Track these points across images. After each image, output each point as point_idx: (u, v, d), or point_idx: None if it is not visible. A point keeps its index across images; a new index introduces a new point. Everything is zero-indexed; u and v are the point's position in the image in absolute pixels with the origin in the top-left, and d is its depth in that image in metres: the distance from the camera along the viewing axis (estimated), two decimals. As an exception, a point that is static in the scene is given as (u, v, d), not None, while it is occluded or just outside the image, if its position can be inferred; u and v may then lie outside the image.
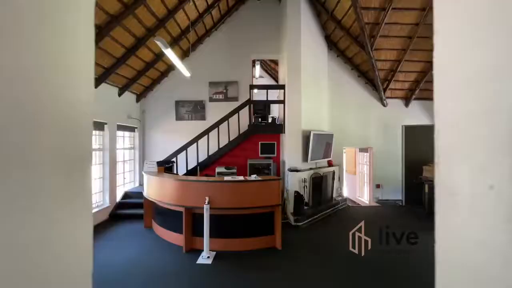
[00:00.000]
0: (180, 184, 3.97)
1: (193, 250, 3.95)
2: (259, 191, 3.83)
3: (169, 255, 3.84)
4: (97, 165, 5.38)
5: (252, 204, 3.80)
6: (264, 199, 3.84)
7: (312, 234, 4.62)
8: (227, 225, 3.94)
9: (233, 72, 7.09)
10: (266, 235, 3.99)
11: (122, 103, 6.08)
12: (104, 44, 4.44)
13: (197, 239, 3.98)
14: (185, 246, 3.90)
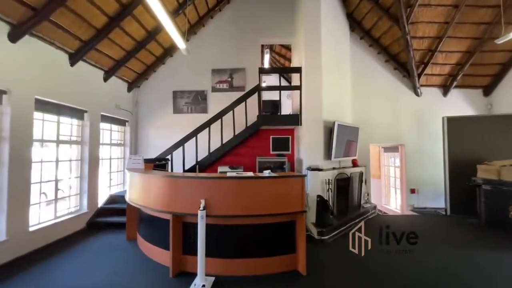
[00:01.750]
0: (166, 182, 2.94)
1: (183, 274, 2.88)
2: (275, 192, 2.76)
3: (151, 280, 2.77)
4: (73, 161, 4.42)
5: (266, 210, 2.73)
6: (282, 204, 2.76)
7: (342, 251, 3.49)
8: (230, 239, 2.86)
9: (240, 58, 6.17)
10: (285, 254, 2.89)
11: (109, 90, 5.17)
12: (75, 4, 3.54)
13: (190, 258, 2.91)
14: (172, 268, 2.82)
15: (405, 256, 3.22)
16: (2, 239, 3.07)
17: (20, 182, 3.30)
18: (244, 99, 5.15)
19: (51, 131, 3.97)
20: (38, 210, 3.73)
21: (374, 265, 3.05)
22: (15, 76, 3.23)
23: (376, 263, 3.09)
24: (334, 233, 3.94)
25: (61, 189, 4.24)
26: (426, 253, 3.34)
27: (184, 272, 2.90)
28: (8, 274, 2.87)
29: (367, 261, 3.13)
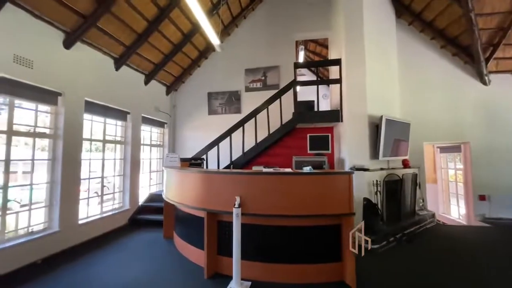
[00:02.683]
0: (201, 178, 2.84)
1: (218, 276, 2.71)
2: (317, 191, 2.45)
3: (185, 280, 2.66)
4: (117, 160, 4.67)
5: (306, 210, 2.43)
6: (326, 204, 2.43)
7: (396, 263, 2.97)
8: (268, 241, 2.62)
9: (274, 56, 5.99)
10: (330, 262, 2.54)
11: (149, 93, 5.42)
12: (120, 12, 3.76)
13: (225, 259, 2.74)
14: (207, 269, 2.68)
15: (477, 273, 2.59)
16: (56, 230, 3.29)
17: (71, 178, 3.53)
18: (279, 96, 4.92)
19: (98, 131, 4.25)
20: (86, 205, 3.97)
21: (435, 280, 2.50)
22: (68, 79, 3.51)
23: (439, 278, 2.53)
24: (385, 241, 3.41)
25: (106, 186, 4.50)
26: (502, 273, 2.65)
27: (219, 273, 2.74)
28: (59, 263, 3.05)
29: (428, 277, 2.58)
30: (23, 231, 3.07)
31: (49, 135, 3.39)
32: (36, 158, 3.24)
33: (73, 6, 3.26)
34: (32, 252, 2.98)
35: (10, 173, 2.89)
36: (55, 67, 3.32)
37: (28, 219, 3.13)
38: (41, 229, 3.24)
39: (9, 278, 2.67)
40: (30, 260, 2.95)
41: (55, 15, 3.19)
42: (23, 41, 2.94)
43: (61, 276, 2.74)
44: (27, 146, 3.36)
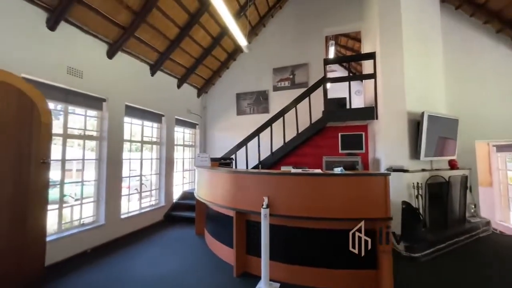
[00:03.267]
0: (230, 177, 2.89)
1: (247, 275, 2.73)
2: (349, 193, 2.31)
3: (215, 277, 2.73)
4: (153, 159, 5.00)
5: (338, 213, 2.31)
6: (359, 208, 2.29)
7: (441, 275, 2.67)
8: (298, 243, 2.56)
9: (302, 53, 5.86)
10: (363, 269, 2.38)
11: (182, 96, 5.70)
12: (154, 21, 4.01)
13: (254, 259, 2.75)
14: (236, 268, 2.72)
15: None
16: (102, 223, 3.64)
17: (114, 176, 3.87)
18: (308, 94, 4.79)
19: (136, 133, 4.60)
20: (127, 201, 4.32)
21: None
22: (111, 86, 3.85)
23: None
24: (429, 250, 3.09)
25: (144, 184, 4.85)
26: None
27: (248, 273, 2.76)
28: (104, 253, 3.37)
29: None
30: (77, 223, 3.46)
31: (96, 137, 3.76)
32: (86, 158, 3.63)
33: (115, 19, 3.57)
34: (83, 242, 3.34)
35: (66, 171, 3.28)
36: (100, 75, 3.67)
37: (80, 212, 3.52)
38: (90, 222, 3.61)
39: (66, 264, 3.03)
40: (82, 249, 3.31)
41: (100, 29, 3.53)
42: (75, 54, 3.30)
43: (106, 265, 3.02)
44: (79, 147, 3.77)
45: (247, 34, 5.33)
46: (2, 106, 2.42)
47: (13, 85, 2.52)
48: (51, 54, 3.03)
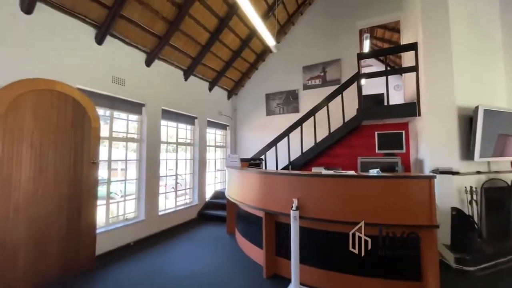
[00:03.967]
0: (259, 178, 2.88)
1: (277, 277, 2.70)
2: (387, 196, 2.13)
3: (246, 277, 2.75)
4: (187, 160, 5.26)
5: (374, 218, 2.15)
6: (399, 213, 2.09)
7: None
8: (329, 247, 2.45)
9: (334, 49, 5.62)
10: (405, 280, 2.17)
11: (213, 99, 5.90)
12: (187, 28, 4.21)
13: (283, 261, 2.71)
14: (265, 269, 2.71)
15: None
16: (142, 219, 3.94)
17: (152, 175, 4.16)
18: (340, 91, 4.57)
19: (172, 134, 4.88)
20: (164, 199, 4.62)
21: None
22: (149, 92, 4.15)
23: None
24: (486, 264, 2.70)
25: (179, 183, 5.12)
26: None
27: (278, 275, 2.72)
28: (145, 246, 3.64)
29: None
30: (121, 218, 3.80)
31: (137, 139, 4.08)
32: (128, 159, 3.96)
33: (152, 30, 3.84)
34: (127, 235, 3.66)
35: (111, 170, 3.63)
36: (139, 83, 3.98)
37: (124, 208, 3.85)
38: (132, 217, 3.93)
39: (112, 255, 3.34)
40: (126, 242, 3.62)
41: (139, 39, 3.83)
42: (118, 64, 3.64)
43: (148, 258, 3.26)
44: (123, 148, 4.14)
45: (275, 33, 5.31)
46: (61, 113, 2.78)
47: (70, 95, 2.87)
48: (99, 66, 3.39)
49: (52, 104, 2.71)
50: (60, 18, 2.96)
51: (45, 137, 2.64)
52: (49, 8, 2.85)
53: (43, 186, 2.61)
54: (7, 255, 2.33)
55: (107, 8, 3.23)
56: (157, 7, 3.66)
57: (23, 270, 2.43)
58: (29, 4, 2.64)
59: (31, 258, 2.49)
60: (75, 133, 2.90)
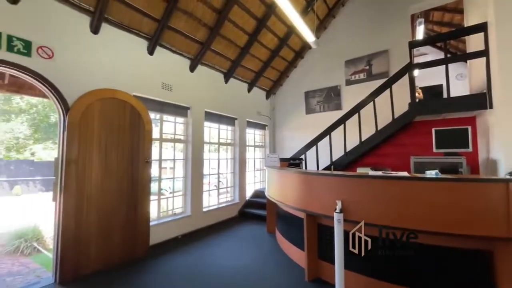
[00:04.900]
0: (300, 178, 2.82)
1: (320, 281, 2.60)
2: (449, 202, 1.86)
3: (287, 278, 2.72)
4: (228, 159, 5.44)
5: (431, 226, 1.89)
6: (464, 221, 1.80)
7: None
8: (377, 254, 2.25)
9: (380, 40, 5.17)
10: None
11: (252, 99, 6.00)
12: (226, 32, 4.36)
13: (326, 265, 2.59)
14: (307, 272, 2.63)
15: None
16: (188, 214, 4.22)
17: (197, 174, 4.43)
18: (389, 85, 4.17)
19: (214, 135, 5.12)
20: (208, 196, 4.87)
21: None
22: (193, 96, 4.42)
23: None
24: None
25: (221, 182, 5.34)
26: None
27: (320, 279, 2.62)
28: (191, 240, 3.89)
29: None
30: (170, 213, 4.14)
31: (183, 140, 4.40)
32: (176, 158, 4.30)
33: (195, 37, 4.09)
34: (175, 229, 3.96)
35: (162, 169, 3.98)
36: (185, 87, 4.27)
37: (172, 203, 4.19)
38: (180, 212, 4.25)
39: (163, 246, 3.66)
40: (174, 235, 3.93)
41: (183, 47, 4.12)
42: (166, 71, 3.97)
43: (194, 250, 3.48)
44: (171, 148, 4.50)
45: (315, 29, 5.11)
46: (121, 118, 3.16)
47: (128, 102, 3.24)
48: (151, 74, 3.74)
49: (113, 110, 3.10)
50: (119, 35, 3.36)
51: (109, 139, 3.03)
52: (111, 27, 3.26)
53: (108, 181, 3.00)
54: (83, 237, 2.75)
55: (156, 21, 3.55)
56: (200, 15, 3.88)
57: (95, 251, 2.84)
58: (96, 25, 3.06)
59: (100, 242, 2.89)
60: (132, 135, 3.26)
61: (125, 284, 2.61)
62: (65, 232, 2.63)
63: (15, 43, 2.44)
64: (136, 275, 2.79)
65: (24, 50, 2.50)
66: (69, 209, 2.66)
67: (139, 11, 3.33)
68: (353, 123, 4.46)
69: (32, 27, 2.58)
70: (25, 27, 2.53)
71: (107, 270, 2.90)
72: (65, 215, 2.63)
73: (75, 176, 2.72)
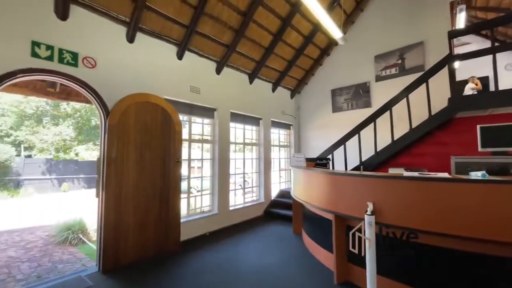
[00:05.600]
0: (328, 179, 2.74)
1: (350, 285, 2.51)
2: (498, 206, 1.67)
3: (315, 280, 2.67)
4: (253, 159, 5.49)
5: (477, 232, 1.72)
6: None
7: None
8: (413, 260, 2.11)
9: (414, 31, 4.84)
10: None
11: (276, 99, 5.98)
12: (251, 34, 4.40)
13: (356, 269, 2.50)
14: (336, 275, 2.56)
15: None
16: (216, 212, 4.34)
17: (223, 173, 4.54)
18: (425, 79, 3.88)
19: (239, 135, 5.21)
20: (233, 195, 4.96)
21: None
22: (219, 97, 4.54)
23: None
24: None
25: (247, 181, 5.41)
26: None
27: (350, 282, 2.54)
28: (218, 238, 4.00)
29: None
30: (199, 210, 4.30)
31: (210, 140, 4.54)
32: (204, 158, 4.45)
33: (221, 40, 4.20)
34: (203, 226, 4.11)
35: (191, 168, 4.15)
36: (211, 89, 4.41)
37: (200, 201, 4.35)
38: (207, 210, 4.39)
39: (192, 242, 3.81)
40: (202, 232, 4.08)
41: (210, 50, 4.25)
42: (195, 74, 4.13)
43: (221, 248, 3.58)
44: (198, 148, 4.68)
45: (342, 24, 4.94)
46: (154, 120, 3.36)
47: (159, 105, 3.43)
48: (180, 78, 3.93)
49: (147, 113, 3.30)
50: (152, 42, 3.58)
51: (143, 140, 3.24)
52: (144, 36, 3.49)
53: (143, 179, 3.21)
54: (122, 230, 2.98)
55: (185, 27, 3.71)
56: (225, 18, 3.97)
57: (132, 243, 3.06)
58: (131, 35, 3.29)
59: (136, 235, 3.11)
60: (163, 137, 3.45)
61: (159, 276, 2.77)
62: (107, 226, 2.87)
63: (64, 55, 2.73)
64: (168, 268, 2.95)
65: (72, 61, 2.79)
66: (109, 205, 2.90)
67: (169, 18, 3.52)
68: (384, 121, 4.23)
69: (77, 39, 2.86)
70: (72, 40, 2.82)
71: (142, 262, 3.10)
72: (106, 211, 2.88)
73: (115, 175, 2.96)
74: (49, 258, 3.67)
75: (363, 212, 2.16)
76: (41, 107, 13.11)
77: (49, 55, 2.62)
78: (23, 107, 12.55)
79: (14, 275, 3.08)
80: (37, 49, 2.55)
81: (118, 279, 2.71)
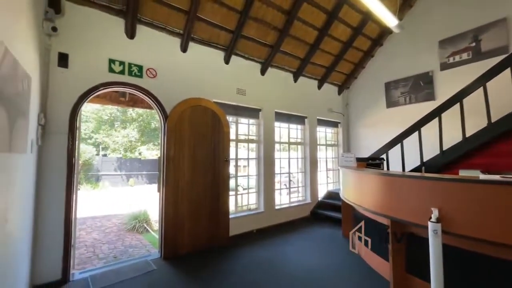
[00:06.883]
0: (383, 180, 2.52)
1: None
2: None
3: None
4: (299, 158, 5.41)
5: None
6: None
7: None
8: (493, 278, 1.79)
9: (493, 5, 4.06)
10: None
11: (322, 96, 5.76)
12: (295, 32, 4.33)
13: (417, 281, 2.25)
14: (393, 286, 2.34)
15: None
16: (262, 211, 4.43)
17: (269, 172, 4.60)
18: (509, 64, 3.22)
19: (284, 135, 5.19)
20: (279, 194, 4.98)
21: None
22: (264, 98, 4.61)
23: None
24: None
25: (292, 181, 5.36)
26: None
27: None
28: (265, 235, 4.07)
29: None
30: (246, 208, 4.45)
31: (256, 140, 4.65)
32: (250, 157, 4.59)
33: (265, 41, 4.26)
34: (250, 223, 4.24)
35: (237, 167, 4.33)
36: (256, 90, 4.51)
37: (247, 199, 4.49)
38: (254, 208, 4.51)
39: (240, 238, 3.98)
40: (249, 229, 4.21)
41: (255, 52, 4.35)
42: (240, 77, 4.29)
43: (268, 246, 3.65)
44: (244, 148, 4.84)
45: (397, 10, 4.48)
46: (205, 122, 3.62)
47: (210, 108, 3.68)
48: (227, 81, 4.13)
49: (199, 116, 3.58)
50: (202, 50, 3.86)
51: (196, 140, 3.52)
52: (195, 44, 3.78)
53: (196, 176, 3.49)
54: (179, 222, 3.31)
55: (231, 32, 3.89)
56: (269, 19, 4.01)
57: (187, 235, 3.36)
58: (185, 45, 3.61)
59: (191, 228, 3.40)
60: (213, 137, 3.68)
61: (211, 267, 2.98)
62: (167, 218, 3.22)
63: (132, 69, 3.17)
64: (220, 261, 3.14)
65: (138, 73, 3.21)
66: (169, 199, 3.24)
67: (216, 26, 3.73)
68: (452, 115, 3.66)
69: (142, 54, 3.27)
70: (138, 55, 3.24)
71: (196, 253, 3.38)
72: (166, 204, 3.23)
73: (173, 172, 3.29)
74: (122, 242, 4.30)
75: (425, 218, 1.93)
76: (113, 113, 15.44)
77: (121, 70, 3.08)
78: (100, 114, 15.03)
79: (97, 254, 3.72)
80: (112, 65, 3.02)
81: (176, 267, 3.01)
